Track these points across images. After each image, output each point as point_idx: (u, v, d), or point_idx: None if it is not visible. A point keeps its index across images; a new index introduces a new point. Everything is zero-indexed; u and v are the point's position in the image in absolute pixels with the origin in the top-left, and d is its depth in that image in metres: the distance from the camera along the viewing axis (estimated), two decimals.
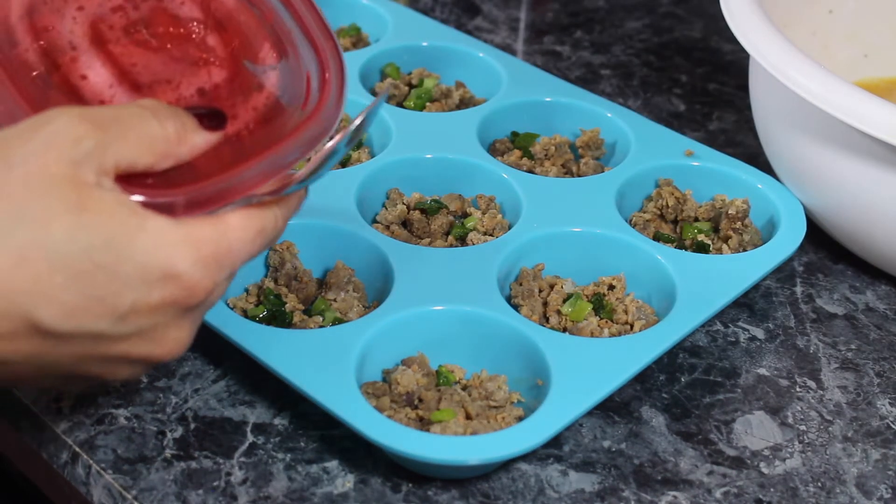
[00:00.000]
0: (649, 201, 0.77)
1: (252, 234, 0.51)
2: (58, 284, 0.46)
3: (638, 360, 0.62)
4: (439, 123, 0.80)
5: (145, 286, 0.48)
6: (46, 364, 0.49)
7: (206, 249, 0.49)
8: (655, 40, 1.03)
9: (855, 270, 0.76)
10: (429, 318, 0.65)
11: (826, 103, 0.66)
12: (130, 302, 0.48)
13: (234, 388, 0.65)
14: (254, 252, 0.52)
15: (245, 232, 0.50)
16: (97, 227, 0.47)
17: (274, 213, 0.52)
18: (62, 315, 0.47)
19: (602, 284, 0.69)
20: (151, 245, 0.47)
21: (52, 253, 0.46)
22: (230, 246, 0.50)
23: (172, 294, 0.48)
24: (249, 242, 0.51)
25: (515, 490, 0.60)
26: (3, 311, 0.46)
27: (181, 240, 0.48)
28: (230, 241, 0.50)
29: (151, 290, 0.48)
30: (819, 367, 0.69)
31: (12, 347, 0.47)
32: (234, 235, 0.50)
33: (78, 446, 0.61)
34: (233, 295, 0.68)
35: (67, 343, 0.48)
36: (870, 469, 0.63)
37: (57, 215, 0.46)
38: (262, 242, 0.52)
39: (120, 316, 0.48)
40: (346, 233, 0.70)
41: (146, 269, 0.47)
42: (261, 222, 0.51)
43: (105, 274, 0.47)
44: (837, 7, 0.86)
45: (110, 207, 0.47)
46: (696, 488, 0.61)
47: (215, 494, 0.59)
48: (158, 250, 0.48)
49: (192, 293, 0.49)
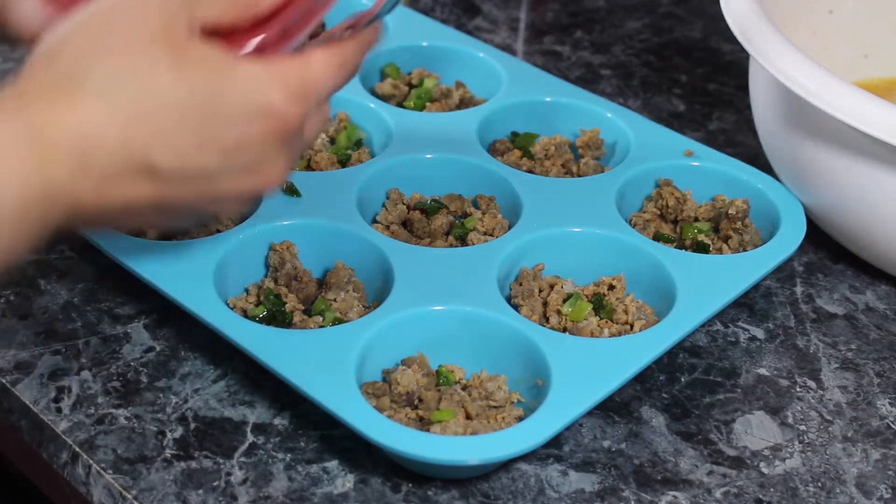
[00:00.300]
0: (649, 201, 0.77)
1: (334, 67, 0.56)
2: (169, 129, 0.51)
3: (638, 360, 0.62)
4: (439, 123, 0.80)
5: (245, 123, 0.52)
6: (166, 206, 0.53)
7: (295, 83, 0.53)
8: (655, 40, 1.03)
9: (855, 270, 0.76)
10: (429, 318, 0.65)
11: (826, 103, 0.66)
12: (234, 138, 0.52)
13: (234, 388, 0.65)
14: (338, 84, 0.56)
15: (328, 64, 0.55)
16: (196, 75, 0.51)
17: (353, 48, 0.57)
18: (176, 157, 0.51)
19: (602, 284, 0.69)
20: (246, 85, 0.52)
21: (161, 102, 0.51)
22: (315, 77, 0.55)
23: (270, 126, 0.53)
24: (333, 75, 0.56)
25: (515, 490, 0.60)
26: (125, 159, 0.50)
27: (271, 78, 0.53)
28: (315, 73, 0.54)
29: (251, 125, 0.52)
30: (819, 367, 0.69)
31: (135, 192, 0.52)
32: (317, 68, 0.55)
33: (78, 446, 0.61)
34: (233, 295, 0.68)
35: (183, 184, 0.52)
36: (870, 469, 0.63)
37: (160, 69, 0.51)
38: (344, 74, 0.56)
39: (226, 152, 0.52)
40: (346, 233, 0.70)
41: (244, 107, 0.52)
42: (342, 56, 0.56)
43: (208, 116, 0.51)
44: (837, 7, 0.86)
45: (205, 57, 0.52)
46: (696, 488, 0.61)
47: (215, 494, 0.59)
48: (252, 89, 0.52)
49: (286, 124, 0.53)
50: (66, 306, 0.70)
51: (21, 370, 0.66)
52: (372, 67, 0.87)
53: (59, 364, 0.66)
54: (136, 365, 0.67)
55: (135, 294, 0.71)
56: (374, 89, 0.86)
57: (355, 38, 0.57)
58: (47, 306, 0.70)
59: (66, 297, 0.71)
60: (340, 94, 0.81)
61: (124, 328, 0.69)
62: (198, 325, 0.65)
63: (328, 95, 0.57)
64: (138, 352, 0.67)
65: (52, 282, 0.72)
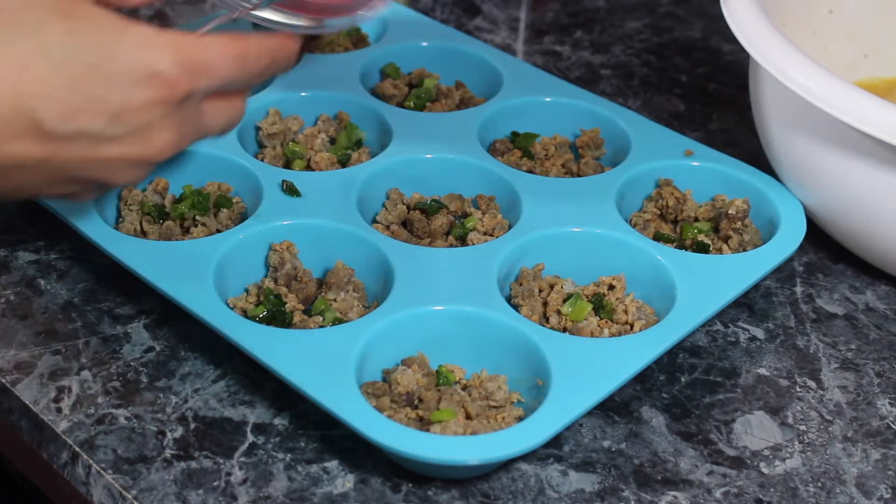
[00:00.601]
0: (649, 201, 0.77)
1: (231, 56, 0.55)
2: (56, 86, 0.51)
3: (638, 360, 0.62)
4: (439, 123, 0.80)
5: (132, 85, 0.52)
6: (53, 168, 0.53)
7: (185, 53, 0.53)
8: (655, 40, 1.03)
9: (855, 270, 0.76)
10: (429, 318, 0.65)
11: (826, 103, 0.66)
12: (120, 100, 0.52)
13: (234, 388, 0.65)
14: (232, 75, 0.55)
15: (224, 50, 0.55)
16: (86, 31, 0.51)
17: (256, 46, 0.56)
18: (62, 115, 0.51)
19: (602, 284, 0.69)
20: (135, 46, 0.52)
21: (49, 57, 0.51)
22: (208, 57, 0.54)
23: (156, 93, 0.52)
24: (228, 63, 0.55)
25: (515, 490, 0.60)
26: (12, 113, 0.50)
27: (163, 43, 0.53)
28: (209, 53, 0.54)
29: (138, 88, 0.52)
30: (819, 367, 0.69)
31: (21, 150, 0.52)
32: (213, 50, 0.54)
33: (78, 446, 0.61)
34: (233, 295, 0.68)
35: (69, 144, 0.52)
36: (870, 469, 0.63)
37: (50, 23, 0.51)
38: (240, 68, 0.56)
39: (112, 115, 0.52)
40: (346, 233, 0.70)
41: (131, 69, 0.52)
42: (242, 49, 0.56)
43: (96, 75, 0.51)
44: (837, 7, 0.86)
45: (95, 14, 0.52)
46: (696, 488, 0.61)
47: (215, 494, 0.59)
48: (141, 51, 0.52)
49: (172, 91, 0.53)
50: (66, 306, 0.70)
51: (21, 370, 0.66)
52: (372, 67, 0.87)
53: (59, 364, 0.66)
54: (136, 365, 0.67)
55: (135, 294, 0.71)
56: (374, 89, 0.86)
57: (262, 38, 0.57)
58: (47, 306, 0.70)
59: (66, 297, 0.71)
60: (340, 95, 0.82)
61: (124, 328, 0.69)
62: (198, 325, 0.65)
63: (224, 84, 0.56)
64: (138, 352, 0.67)
65: (52, 282, 0.72)
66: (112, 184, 0.56)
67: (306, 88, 0.82)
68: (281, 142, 0.80)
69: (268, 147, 0.79)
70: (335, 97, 0.82)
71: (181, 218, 0.73)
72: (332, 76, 0.84)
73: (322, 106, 0.82)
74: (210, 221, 0.72)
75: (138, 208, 0.73)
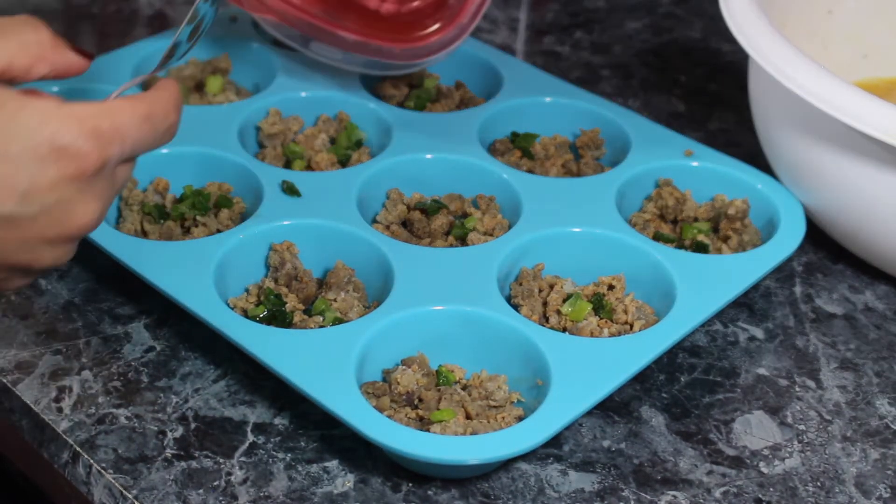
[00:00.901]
0: (649, 201, 0.77)
1: (139, 118, 0.53)
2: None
3: (638, 360, 0.62)
4: (439, 123, 0.80)
5: (38, 163, 0.50)
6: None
7: (90, 123, 0.51)
8: (655, 40, 1.03)
9: (854, 270, 0.76)
10: (429, 318, 0.65)
11: (826, 103, 0.66)
12: (27, 180, 0.50)
13: (235, 388, 0.66)
14: (146, 137, 0.53)
15: (131, 110, 0.53)
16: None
17: (162, 101, 0.54)
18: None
19: (602, 284, 0.69)
20: (35, 122, 0.50)
21: None
22: (115, 121, 0.52)
23: (65, 167, 0.50)
24: (137, 124, 0.53)
25: (515, 490, 0.60)
26: None
27: (64, 115, 0.50)
28: (114, 117, 0.52)
29: (45, 166, 0.50)
30: (818, 367, 0.69)
31: None
32: (119, 113, 0.52)
33: (78, 446, 0.61)
34: (233, 295, 0.68)
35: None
36: (869, 468, 0.63)
37: None
38: (150, 128, 0.53)
39: (22, 195, 0.50)
40: (346, 233, 0.70)
41: (34, 146, 0.49)
42: (148, 108, 0.53)
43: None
44: (837, 7, 0.87)
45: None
46: (695, 488, 0.61)
47: (216, 494, 0.59)
48: (42, 126, 0.50)
49: (82, 164, 0.50)
50: (66, 306, 0.70)
51: (22, 370, 0.66)
52: None
53: (60, 364, 0.66)
54: (137, 365, 0.67)
55: (135, 294, 0.71)
56: (374, 89, 0.86)
57: (155, 91, 0.55)
58: (48, 306, 0.70)
59: (67, 297, 0.71)
60: (341, 95, 0.82)
61: (125, 328, 0.69)
62: (198, 325, 0.65)
63: (136, 147, 0.53)
64: (139, 352, 0.68)
65: (53, 282, 0.72)
66: (36, 266, 0.53)
67: (306, 88, 0.83)
68: (281, 142, 0.80)
69: (268, 147, 0.80)
70: (335, 97, 0.82)
71: (181, 218, 0.73)
72: (333, 76, 0.84)
73: (322, 106, 0.82)
74: (210, 221, 0.72)
75: (139, 208, 0.73)
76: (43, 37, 0.54)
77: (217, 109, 0.80)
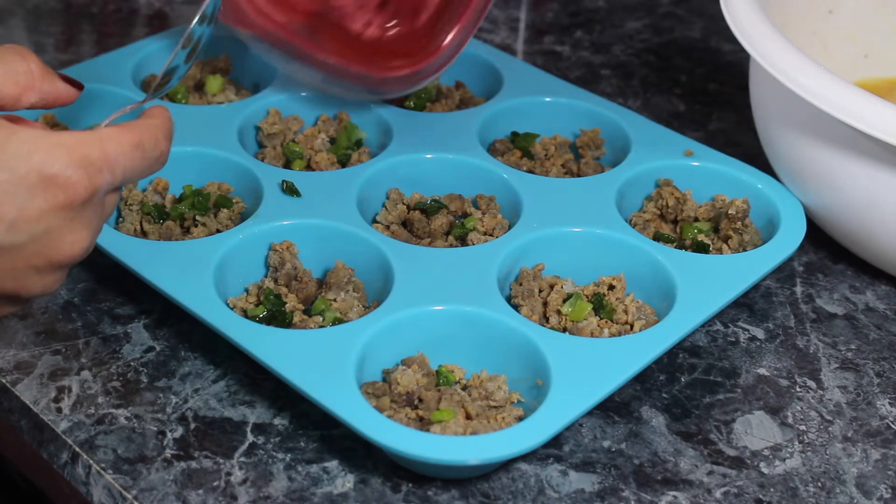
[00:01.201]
0: (649, 201, 0.77)
1: (129, 146, 0.53)
2: None
3: (638, 360, 0.62)
4: (439, 123, 0.80)
5: (26, 192, 0.50)
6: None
7: (79, 151, 0.51)
8: (655, 40, 1.03)
9: (855, 270, 0.76)
10: (429, 318, 0.65)
11: (826, 103, 0.66)
12: (16, 209, 0.50)
13: (234, 388, 0.65)
14: (136, 166, 0.53)
15: (121, 139, 0.52)
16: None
17: (151, 129, 0.54)
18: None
19: (602, 284, 0.69)
20: (24, 151, 0.50)
21: None
22: (104, 150, 0.52)
23: (54, 196, 0.50)
24: (127, 153, 0.53)
25: (515, 490, 0.60)
26: None
27: (53, 144, 0.50)
28: (104, 146, 0.52)
29: (33, 195, 0.50)
30: (819, 367, 0.69)
31: None
32: (108, 142, 0.52)
33: (78, 446, 0.61)
34: (233, 295, 0.68)
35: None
36: (869, 469, 0.63)
37: None
38: (142, 157, 0.53)
39: (10, 224, 0.50)
40: (346, 233, 0.70)
41: (23, 175, 0.49)
42: (137, 135, 0.53)
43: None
44: (837, 7, 0.87)
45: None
46: (695, 488, 0.61)
47: (215, 494, 0.59)
48: (31, 155, 0.50)
49: (71, 194, 0.50)
50: (66, 306, 0.70)
51: (21, 370, 0.66)
52: None
53: (60, 364, 0.66)
54: (136, 365, 0.67)
55: (135, 294, 0.71)
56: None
57: (145, 118, 0.55)
58: (47, 306, 0.70)
59: (66, 297, 0.71)
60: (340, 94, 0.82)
61: (124, 328, 0.69)
62: (198, 325, 0.65)
63: (126, 176, 0.53)
64: (138, 352, 0.67)
65: None
66: (25, 294, 0.53)
67: (306, 88, 0.83)
68: (281, 142, 0.80)
69: (268, 147, 0.79)
70: (335, 97, 0.82)
71: (181, 218, 0.73)
72: None
73: (322, 106, 0.82)
74: (210, 221, 0.72)
75: (138, 208, 0.73)
76: (32, 66, 0.55)
77: (217, 109, 0.80)
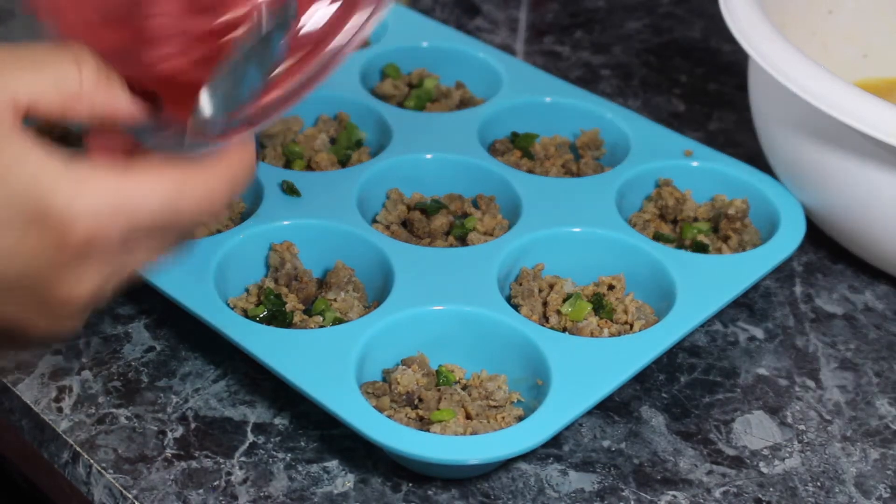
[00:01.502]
0: (649, 201, 0.77)
1: (160, 197, 0.43)
2: None
3: (638, 359, 0.62)
4: (439, 123, 0.80)
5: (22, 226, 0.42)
6: None
7: (90, 194, 0.42)
8: (655, 40, 1.03)
9: (854, 270, 0.76)
10: (429, 318, 0.65)
11: (826, 103, 0.66)
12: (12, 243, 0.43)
13: (235, 388, 0.66)
14: (163, 220, 0.44)
15: (153, 186, 0.43)
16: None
17: (201, 178, 0.44)
18: None
19: (602, 284, 0.69)
20: (28, 181, 0.42)
21: None
22: (126, 197, 0.42)
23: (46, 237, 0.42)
24: (153, 207, 0.43)
25: (515, 490, 0.60)
26: None
27: (63, 178, 0.42)
28: (128, 191, 0.42)
29: (27, 231, 0.42)
30: (818, 367, 0.69)
31: None
32: (134, 187, 0.43)
33: (78, 446, 0.61)
34: (233, 295, 0.68)
35: None
36: (869, 469, 0.63)
37: None
38: (172, 211, 0.43)
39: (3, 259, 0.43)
40: (346, 233, 0.70)
41: (23, 204, 0.42)
42: (179, 182, 0.43)
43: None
44: (837, 7, 0.87)
45: None
46: (695, 488, 0.61)
47: (216, 494, 0.59)
48: (33, 188, 0.42)
49: (64, 241, 0.42)
50: None
51: (22, 370, 0.66)
52: (372, 67, 0.87)
53: (60, 364, 0.66)
54: (137, 365, 0.67)
55: (135, 294, 0.71)
56: (374, 89, 0.86)
57: (217, 165, 0.45)
58: None
59: None
60: (340, 94, 0.82)
61: (125, 328, 0.69)
62: (198, 325, 0.65)
63: (150, 231, 0.44)
64: (139, 352, 0.68)
65: None
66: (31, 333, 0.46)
67: None
68: (281, 142, 0.80)
69: (268, 147, 0.80)
70: (335, 97, 0.82)
71: None
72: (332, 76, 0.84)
73: (322, 106, 0.82)
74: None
75: None
76: (87, 74, 0.44)
77: None
